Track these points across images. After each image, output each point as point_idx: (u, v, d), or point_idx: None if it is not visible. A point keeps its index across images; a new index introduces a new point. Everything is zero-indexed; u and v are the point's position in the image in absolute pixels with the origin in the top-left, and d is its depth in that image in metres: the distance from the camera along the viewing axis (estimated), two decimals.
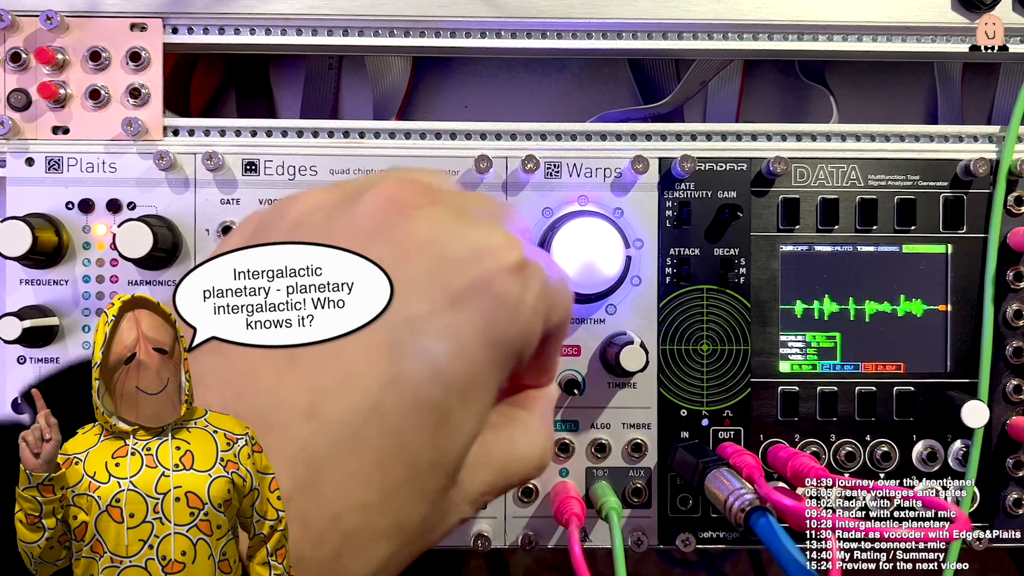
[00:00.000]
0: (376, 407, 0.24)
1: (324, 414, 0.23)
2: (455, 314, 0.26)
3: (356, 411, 0.24)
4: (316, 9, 0.48)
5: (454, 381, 0.25)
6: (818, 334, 0.48)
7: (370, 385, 0.24)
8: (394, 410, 0.24)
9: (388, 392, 0.24)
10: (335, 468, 0.23)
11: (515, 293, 0.27)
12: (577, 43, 0.49)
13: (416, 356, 0.25)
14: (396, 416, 0.24)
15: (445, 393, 0.25)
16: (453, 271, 0.26)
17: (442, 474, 0.26)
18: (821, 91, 0.57)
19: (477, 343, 0.26)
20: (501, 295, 0.26)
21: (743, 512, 0.38)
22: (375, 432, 0.24)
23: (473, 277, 0.26)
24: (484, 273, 0.26)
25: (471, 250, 0.26)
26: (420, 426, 0.25)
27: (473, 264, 0.26)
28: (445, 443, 0.26)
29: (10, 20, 0.46)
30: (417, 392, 0.24)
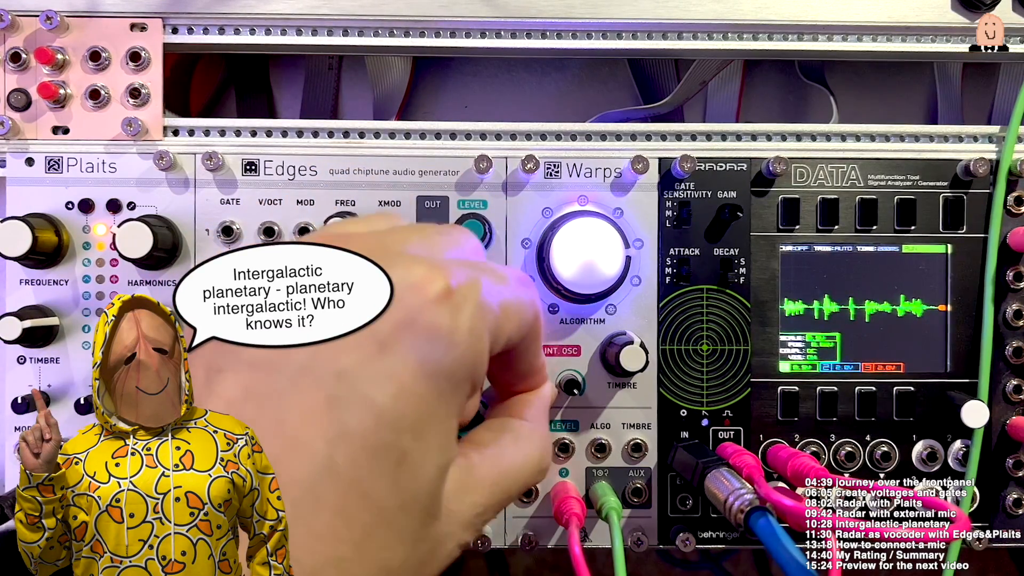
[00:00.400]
0: (328, 465, 0.24)
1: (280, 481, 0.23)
2: (387, 357, 0.26)
3: (309, 470, 0.24)
4: (316, 9, 0.48)
5: (401, 421, 0.25)
6: (818, 334, 0.48)
7: (317, 445, 0.24)
8: (347, 463, 0.24)
9: (337, 447, 0.24)
10: (300, 529, 0.23)
11: (444, 322, 0.27)
12: (577, 43, 0.49)
13: (357, 407, 0.25)
14: (350, 468, 0.24)
15: (395, 435, 0.25)
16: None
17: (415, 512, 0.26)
18: (821, 91, 0.57)
19: (416, 380, 0.26)
20: (429, 327, 0.26)
21: (743, 512, 0.38)
22: (332, 488, 0.24)
23: (397, 318, 0.26)
24: (408, 310, 0.26)
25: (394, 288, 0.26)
26: (377, 472, 0.25)
27: (395, 305, 0.26)
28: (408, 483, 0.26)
29: (10, 20, 0.46)
30: (365, 441, 0.25)
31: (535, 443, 0.33)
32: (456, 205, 0.48)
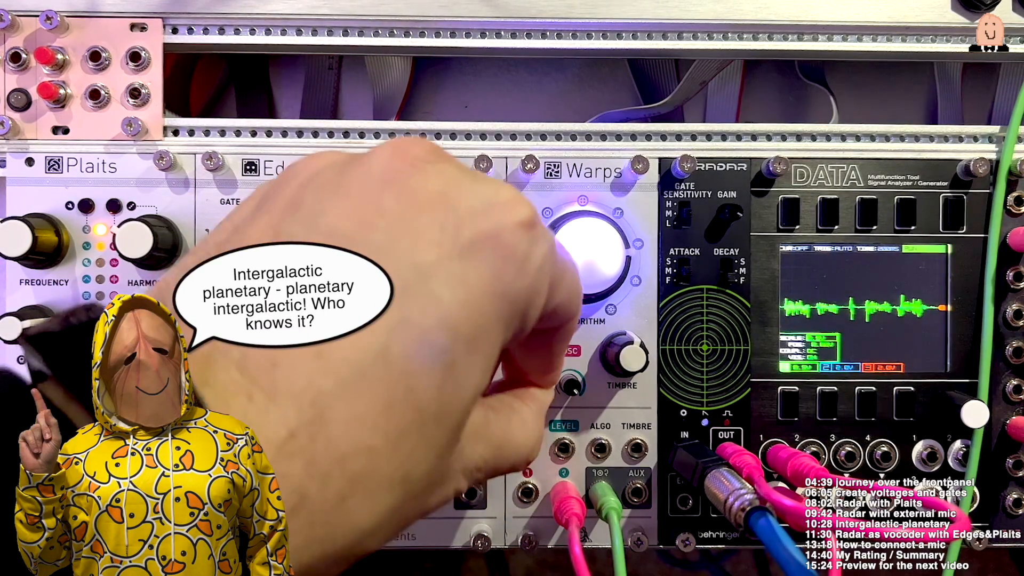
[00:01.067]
0: (383, 350, 0.24)
1: (331, 353, 0.23)
2: (464, 263, 0.26)
3: (363, 352, 0.24)
4: (316, 9, 0.48)
5: (460, 329, 0.25)
6: (818, 334, 0.48)
7: (377, 327, 0.24)
8: (401, 354, 0.24)
9: (395, 335, 0.24)
10: (342, 408, 0.23)
11: (523, 247, 0.27)
12: (577, 43, 0.49)
13: (424, 301, 0.25)
14: (403, 360, 0.24)
15: (452, 341, 0.25)
16: (463, 221, 0.26)
17: (447, 427, 0.26)
18: (821, 91, 0.57)
19: (484, 293, 0.26)
20: (509, 247, 0.26)
21: (743, 512, 0.38)
22: (382, 375, 0.24)
23: (483, 228, 0.26)
24: (494, 225, 0.26)
25: (482, 202, 0.27)
26: (426, 372, 0.25)
27: (483, 216, 0.26)
28: (450, 394, 0.26)
29: (10, 20, 0.46)
30: (424, 337, 0.25)
31: (534, 432, 0.33)
32: None
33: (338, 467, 0.23)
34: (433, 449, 0.26)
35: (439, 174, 0.27)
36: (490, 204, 0.27)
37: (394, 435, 0.24)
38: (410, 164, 0.27)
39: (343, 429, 0.23)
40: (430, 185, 0.27)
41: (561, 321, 0.31)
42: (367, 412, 0.24)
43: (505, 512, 0.48)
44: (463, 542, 0.48)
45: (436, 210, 0.26)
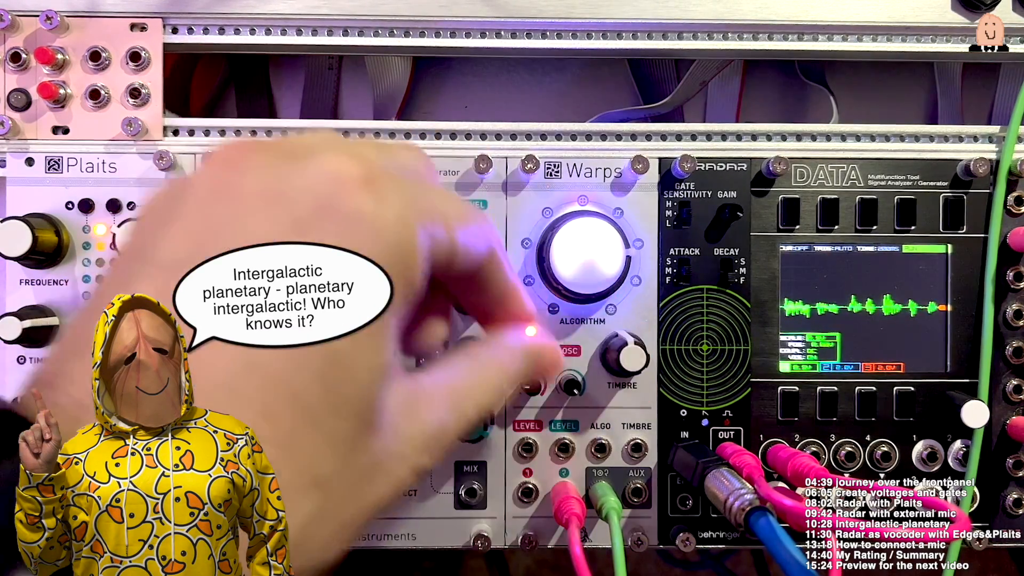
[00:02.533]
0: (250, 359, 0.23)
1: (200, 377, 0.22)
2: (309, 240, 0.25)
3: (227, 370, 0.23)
4: (316, 9, 0.48)
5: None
6: (818, 334, 0.48)
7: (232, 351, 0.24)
8: (270, 359, 0.24)
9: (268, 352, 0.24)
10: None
11: (366, 208, 0.26)
12: (577, 43, 0.49)
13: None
14: (274, 365, 0.24)
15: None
16: (294, 205, 0.25)
17: (347, 416, 0.25)
18: (821, 91, 0.57)
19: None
20: (350, 212, 0.25)
21: (743, 512, 0.38)
22: (254, 385, 0.23)
23: (314, 205, 0.25)
24: (325, 196, 0.25)
25: (306, 179, 0.26)
26: (303, 370, 0.24)
27: (311, 192, 0.25)
28: (338, 384, 0.25)
29: (10, 20, 0.46)
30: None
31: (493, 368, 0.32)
32: None
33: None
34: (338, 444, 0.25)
35: (258, 168, 0.26)
36: (315, 177, 0.26)
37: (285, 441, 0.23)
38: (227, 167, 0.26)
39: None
40: (253, 183, 0.26)
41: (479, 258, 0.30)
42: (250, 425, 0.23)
43: (505, 512, 0.48)
44: (463, 542, 0.48)
45: (266, 206, 0.25)
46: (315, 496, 0.24)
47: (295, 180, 0.26)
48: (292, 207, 0.25)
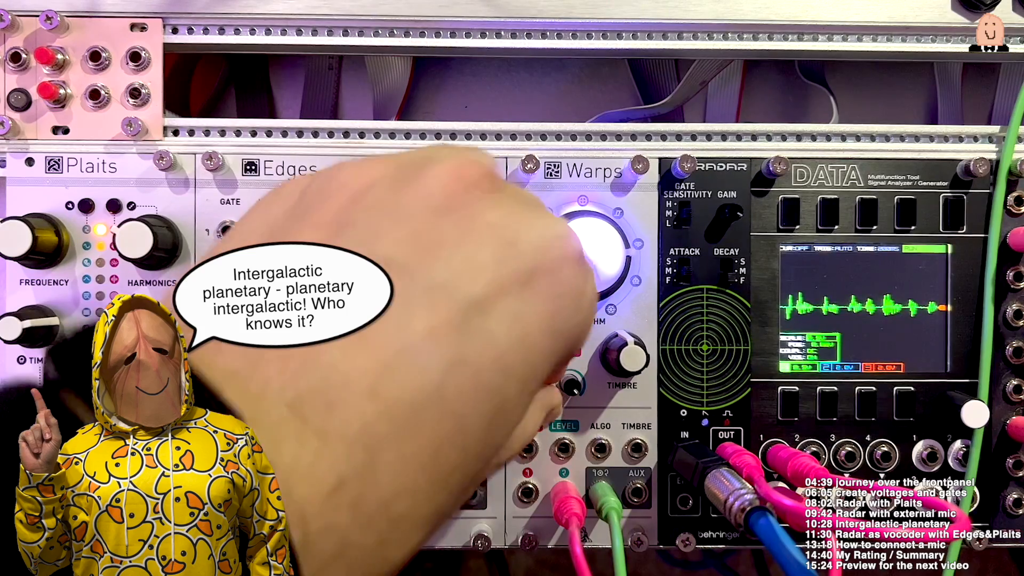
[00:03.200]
0: (438, 390, 0.23)
1: (387, 395, 0.22)
2: (522, 300, 0.25)
3: (418, 392, 0.23)
4: (316, 9, 0.48)
5: (514, 368, 0.25)
6: (818, 334, 0.48)
7: (434, 366, 0.23)
8: (456, 394, 0.24)
9: (450, 374, 0.24)
10: (392, 452, 0.22)
11: (579, 283, 0.27)
12: (577, 43, 0.49)
13: (481, 340, 0.24)
14: (456, 400, 0.24)
15: (505, 380, 0.25)
16: (522, 256, 0.26)
17: (486, 462, 0.26)
18: (821, 91, 0.57)
19: (541, 331, 0.25)
20: (566, 284, 0.26)
21: (743, 512, 0.38)
22: (435, 415, 0.23)
23: (541, 264, 0.26)
24: (552, 261, 0.26)
25: (540, 237, 0.26)
26: (478, 412, 0.24)
27: (542, 251, 0.26)
28: (496, 432, 0.25)
29: (10, 20, 0.46)
30: (478, 376, 0.24)
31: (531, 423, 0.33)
32: None
33: (382, 511, 0.22)
34: (470, 484, 0.26)
35: (498, 204, 0.26)
36: (548, 239, 0.26)
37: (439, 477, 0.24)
38: (469, 190, 0.26)
39: (392, 473, 0.23)
40: (490, 215, 0.26)
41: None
42: (417, 454, 0.23)
43: (505, 512, 0.48)
44: (463, 542, 0.48)
45: (495, 243, 0.25)
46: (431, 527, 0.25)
47: (528, 232, 0.26)
48: (520, 258, 0.25)
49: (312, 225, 0.26)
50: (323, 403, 0.22)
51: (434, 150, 0.29)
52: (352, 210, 0.26)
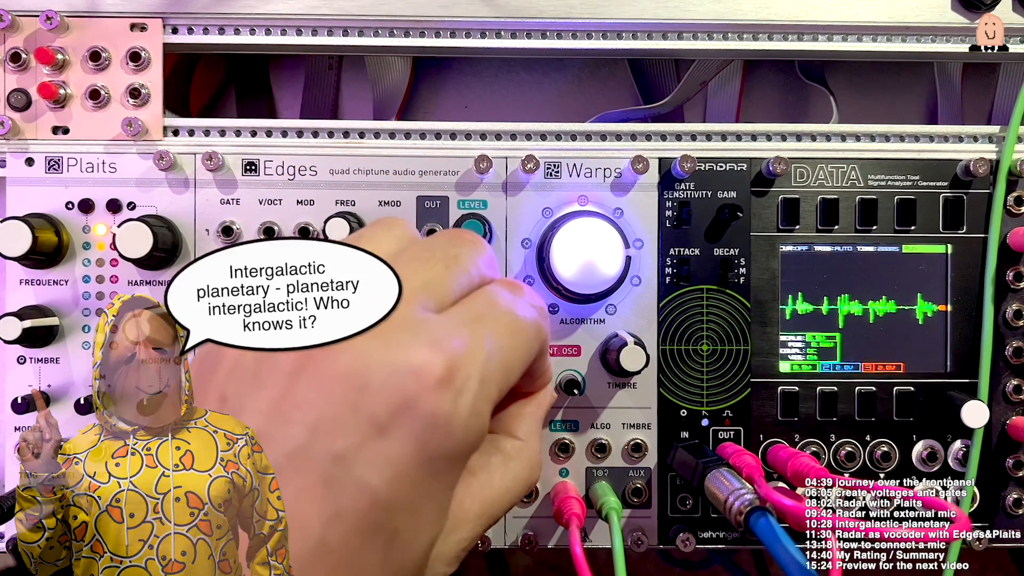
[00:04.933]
0: (320, 543, 0.24)
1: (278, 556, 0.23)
2: (385, 442, 0.25)
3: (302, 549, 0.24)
4: (316, 9, 0.48)
5: (396, 503, 0.25)
6: (818, 334, 0.48)
7: (311, 524, 0.24)
8: (339, 542, 0.24)
9: (330, 528, 0.24)
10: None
11: (445, 409, 0.26)
12: (577, 43, 0.49)
13: (352, 489, 0.25)
14: (342, 547, 0.24)
15: (388, 516, 0.25)
16: (376, 398, 0.25)
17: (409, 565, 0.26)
18: (821, 91, 0.57)
19: (413, 465, 0.26)
20: (429, 414, 0.26)
21: (743, 512, 0.38)
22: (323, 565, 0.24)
23: (396, 402, 0.26)
24: (407, 396, 0.26)
25: (391, 374, 0.26)
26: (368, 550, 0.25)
27: (395, 388, 0.26)
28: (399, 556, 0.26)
29: (10, 20, 0.46)
30: (359, 522, 0.25)
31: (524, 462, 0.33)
32: (456, 205, 0.48)
33: None
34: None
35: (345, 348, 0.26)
36: (401, 374, 0.26)
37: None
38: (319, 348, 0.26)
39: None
40: (338, 363, 0.26)
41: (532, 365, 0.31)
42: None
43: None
44: None
45: (347, 393, 0.25)
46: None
47: (379, 373, 0.26)
48: (373, 404, 0.25)
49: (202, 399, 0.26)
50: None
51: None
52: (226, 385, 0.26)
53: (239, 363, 0.27)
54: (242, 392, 0.26)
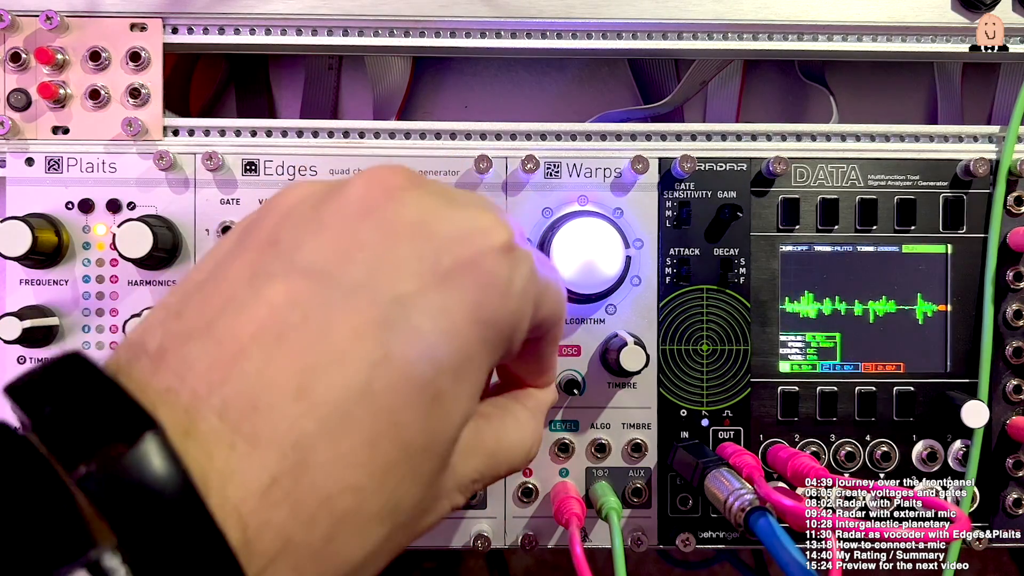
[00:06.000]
0: (366, 387, 0.24)
1: (313, 395, 0.23)
2: (445, 292, 0.26)
3: (346, 391, 0.23)
4: (316, 9, 0.48)
5: (445, 360, 0.25)
6: (818, 334, 0.48)
7: (360, 365, 0.24)
8: (384, 390, 0.24)
9: (378, 371, 0.24)
10: (325, 449, 0.23)
11: (504, 273, 0.27)
12: (577, 43, 0.49)
13: (406, 335, 0.25)
14: (387, 396, 0.24)
15: (436, 372, 0.25)
16: (442, 250, 0.26)
17: (435, 456, 0.26)
18: (821, 91, 0.57)
19: (467, 322, 0.26)
20: (490, 274, 0.27)
21: (743, 512, 0.38)
22: (366, 412, 0.24)
23: (462, 256, 0.26)
24: (473, 252, 0.26)
25: (460, 230, 0.27)
26: (411, 406, 0.25)
27: (462, 243, 0.26)
28: (437, 424, 0.26)
29: (10, 20, 0.46)
30: (408, 371, 0.24)
31: (529, 431, 0.34)
32: None
33: (324, 508, 0.23)
34: (422, 478, 0.26)
35: (416, 202, 0.27)
36: (469, 231, 0.27)
37: (380, 471, 0.24)
38: (386, 193, 0.27)
39: (328, 470, 0.23)
40: (407, 214, 0.26)
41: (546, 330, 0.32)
42: (352, 451, 0.23)
43: (505, 512, 0.48)
44: (463, 542, 0.48)
45: (414, 240, 0.26)
46: (387, 524, 0.25)
47: (447, 227, 0.27)
48: (439, 251, 0.26)
49: (245, 247, 0.26)
50: (249, 408, 0.22)
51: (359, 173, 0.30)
52: (279, 228, 0.27)
53: (294, 208, 0.27)
54: (299, 233, 0.26)
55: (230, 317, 0.24)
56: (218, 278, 0.25)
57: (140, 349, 0.23)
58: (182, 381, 0.22)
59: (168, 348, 0.23)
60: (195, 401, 0.22)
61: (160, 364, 0.23)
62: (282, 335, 0.23)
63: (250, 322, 0.23)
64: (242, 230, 0.28)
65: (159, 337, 0.24)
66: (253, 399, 0.22)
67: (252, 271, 0.25)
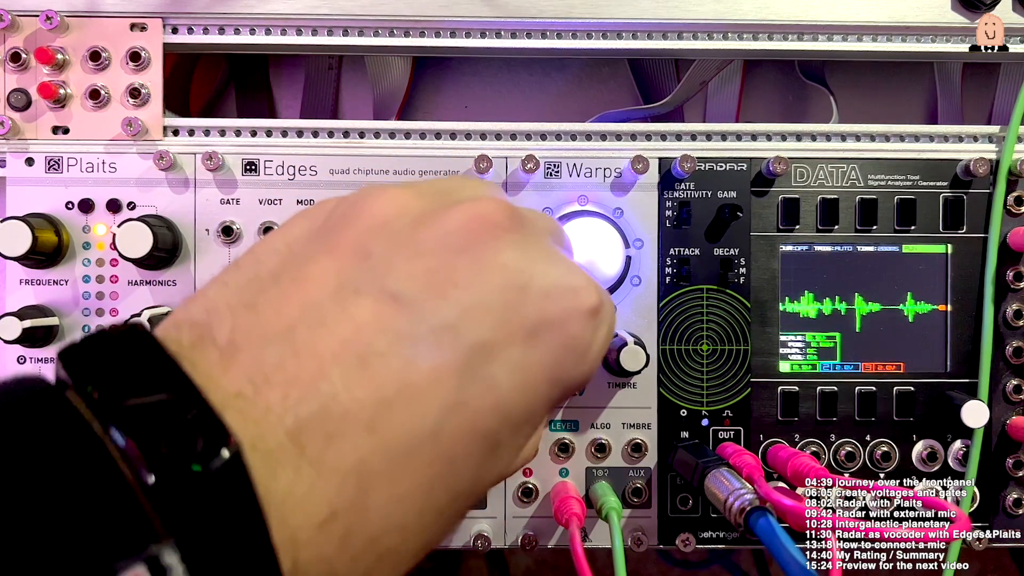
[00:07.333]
0: (435, 431, 0.23)
1: (384, 431, 0.22)
2: (526, 348, 0.25)
3: (415, 432, 0.23)
4: (316, 9, 0.48)
5: (511, 415, 0.25)
6: (818, 334, 0.48)
7: (433, 407, 0.23)
8: (451, 436, 0.24)
9: (449, 417, 0.24)
10: (385, 488, 0.22)
11: (587, 337, 0.27)
12: (577, 43, 0.49)
13: (482, 385, 0.24)
14: (452, 443, 0.24)
15: (500, 425, 0.25)
16: (532, 303, 0.26)
17: (474, 498, 0.26)
18: (821, 91, 0.57)
19: (542, 381, 0.26)
20: (573, 337, 0.26)
21: (743, 512, 0.38)
22: (429, 455, 0.23)
23: (551, 314, 0.26)
24: (562, 312, 0.26)
25: (553, 286, 0.26)
26: (471, 455, 0.24)
27: (553, 300, 0.26)
28: (487, 474, 0.26)
29: (10, 20, 0.46)
30: (476, 422, 0.24)
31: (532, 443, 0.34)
32: None
33: (371, 546, 0.22)
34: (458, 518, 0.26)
35: (515, 247, 0.26)
36: (561, 289, 0.26)
37: (428, 513, 0.24)
38: (489, 231, 0.26)
39: (384, 511, 0.23)
40: (504, 259, 0.26)
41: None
42: (408, 493, 0.23)
43: (505, 512, 0.48)
44: (463, 542, 0.48)
45: (507, 288, 0.25)
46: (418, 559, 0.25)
47: (541, 280, 0.26)
48: (527, 303, 0.26)
49: (330, 249, 0.25)
50: (322, 433, 0.21)
51: (460, 183, 0.29)
52: (370, 240, 0.25)
53: (389, 222, 0.26)
54: (393, 253, 0.25)
55: (311, 328, 0.23)
56: (297, 277, 0.24)
57: (206, 334, 0.22)
58: (256, 391, 0.21)
59: (242, 346, 0.22)
60: (267, 415, 0.21)
61: (232, 362, 0.22)
62: (365, 360, 0.23)
63: (332, 338, 0.23)
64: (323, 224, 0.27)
65: (229, 326, 0.23)
66: (326, 424, 0.22)
67: (338, 281, 0.24)
